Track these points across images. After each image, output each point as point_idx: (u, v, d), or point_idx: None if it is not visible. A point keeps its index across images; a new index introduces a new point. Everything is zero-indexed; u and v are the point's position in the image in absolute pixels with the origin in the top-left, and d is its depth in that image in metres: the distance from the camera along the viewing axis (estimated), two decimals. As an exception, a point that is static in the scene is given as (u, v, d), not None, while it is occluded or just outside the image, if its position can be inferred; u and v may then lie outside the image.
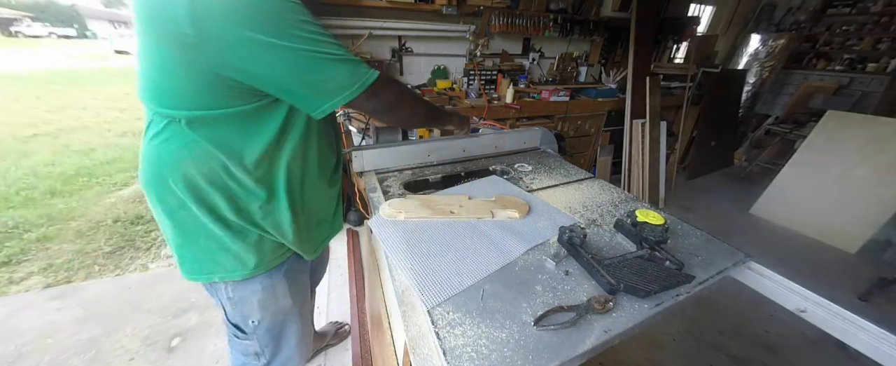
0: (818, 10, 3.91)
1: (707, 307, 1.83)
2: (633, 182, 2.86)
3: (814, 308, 0.64)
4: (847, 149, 2.49)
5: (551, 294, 0.58)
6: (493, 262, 0.65)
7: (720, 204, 3.12)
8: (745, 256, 0.72)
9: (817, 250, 2.48)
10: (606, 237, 0.76)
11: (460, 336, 0.50)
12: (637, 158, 2.82)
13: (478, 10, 2.34)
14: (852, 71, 3.77)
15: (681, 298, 0.60)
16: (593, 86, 2.96)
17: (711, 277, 0.66)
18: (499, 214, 0.81)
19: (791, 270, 0.82)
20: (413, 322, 0.55)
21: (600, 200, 0.94)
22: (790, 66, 4.15)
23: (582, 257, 0.65)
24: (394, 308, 0.59)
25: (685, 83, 3.13)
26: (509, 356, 0.47)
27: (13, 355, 1.40)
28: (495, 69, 2.62)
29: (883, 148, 2.34)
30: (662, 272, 0.62)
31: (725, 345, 1.63)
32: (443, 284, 0.59)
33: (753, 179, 3.55)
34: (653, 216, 0.72)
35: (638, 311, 0.56)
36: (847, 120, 2.55)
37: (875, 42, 3.67)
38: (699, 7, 3.72)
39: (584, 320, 0.53)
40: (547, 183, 1.03)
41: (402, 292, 0.60)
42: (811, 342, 1.67)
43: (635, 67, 2.74)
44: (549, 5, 2.61)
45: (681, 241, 0.77)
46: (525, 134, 1.33)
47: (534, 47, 2.83)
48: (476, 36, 2.45)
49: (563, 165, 1.19)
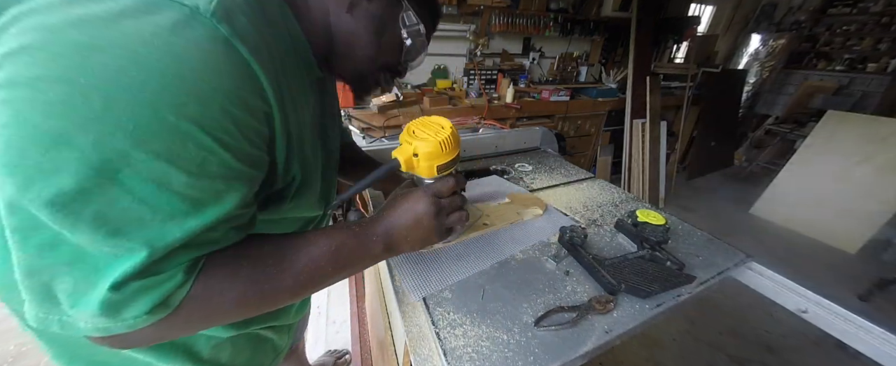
0: (818, 10, 3.91)
1: (707, 307, 1.83)
2: (633, 182, 2.86)
3: (814, 308, 0.63)
4: (847, 149, 2.49)
5: (552, 294, 0.58)
6: (487, 258, 0.65)
7: (720, 204, 3.12)
8: (746, 256, 0.72)
9: (817, 250, 2.48)
10: (607, 237, 0.76)
11: (461, 337, 0.50)
12: (637, 158, 2.82)
13: (478, 10, 2.34)
14: (852, 71, 3.76)
15: (682, 298, 0.60)
16: (593, 86, 2.96)
17: (712, 277, 0.65)
18: (526, 214, 0.80)
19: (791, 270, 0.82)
20: (413, 322, 0.55)
21: (601, 200, 0.94)
22: (790, 66, 4.15)
23: (583, 257, 0.65)
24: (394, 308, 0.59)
25: (685, 83, 3.13)
26: (510, 357, 0.47)
27: (13, 354, 1.40)
28: (495, 69, 2.62)
29: (883, 148, 2.34)
30: (663, 273, 0.62)
31: (726, 345, 1.63)
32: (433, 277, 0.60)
33: (753, 179, 3.55)
34: (654, 216, 0.72)
35: (639, 311, 0.56)
36: (847, 120, 2.55)
37: (875, 42, 3.67)
38: (699, 7, 3.71)
39: (584, 320, 0.53)
40: (547, 183, 1.03)
41: (402, 292, 0.60)
42: (811, 342, 1.67)
43: (635, 67, 2.74)
44: (549, 5, 2.61)
45: (681, 241, 0.77)
46: (525, 134, 1.33)
47: (534, 47, 2.82)
48: (476, 35, 2.44)
49: (563, 164, 1.18)
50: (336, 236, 0.40)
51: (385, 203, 0.47)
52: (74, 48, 0.22)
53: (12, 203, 0.23)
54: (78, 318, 0.25)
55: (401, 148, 0.48)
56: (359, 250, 0.42)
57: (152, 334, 0.29)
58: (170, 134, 0.25)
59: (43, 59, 0.22)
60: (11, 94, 0.22)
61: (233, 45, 0.27)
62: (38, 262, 0.24)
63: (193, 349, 0.45)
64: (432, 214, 0.45)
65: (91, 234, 0.24)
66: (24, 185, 0.22)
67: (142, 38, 0.23)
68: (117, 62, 0.23)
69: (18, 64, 0.22)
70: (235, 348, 0.50)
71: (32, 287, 0.25)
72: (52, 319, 0.26)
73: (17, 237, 0.24)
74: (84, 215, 0.23)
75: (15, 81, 0.22)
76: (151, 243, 0.25)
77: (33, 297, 0.25)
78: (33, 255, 0.24)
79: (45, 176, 0.22)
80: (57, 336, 0.42)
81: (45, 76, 0.22)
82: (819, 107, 3.50)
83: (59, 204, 0.23)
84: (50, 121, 0.22)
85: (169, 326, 0.29)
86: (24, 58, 0.22)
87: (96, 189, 0.23)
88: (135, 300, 0.26)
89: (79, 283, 0.25)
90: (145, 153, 0.24)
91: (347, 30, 0.42)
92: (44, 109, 0.22)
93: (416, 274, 0.61)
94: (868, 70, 3.65)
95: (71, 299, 0.25)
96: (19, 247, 0.24)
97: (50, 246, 0.24)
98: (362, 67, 0.47)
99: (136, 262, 0.25)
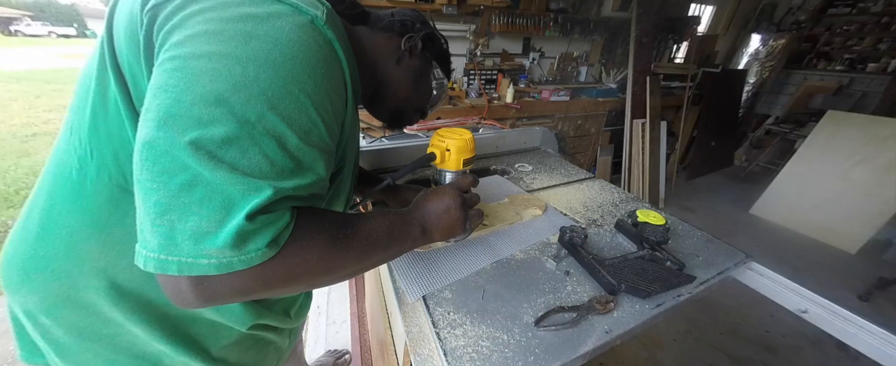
0: (818, 10, 3.91)
1: (708, 307, 1.83)
2: (633, 182, 2.86)
3: (814, 308, 0.63)
4: (847, 149, 2.49)
5: (552, 294, 0.58)
6: (487, 258, 0.66)
7: (720, 204, 3.13)
8: (746, 256, 0.72)
9: (817, 250, 2.48)
10: (607, 237, 0.76)
11: (461, 337, 0.50)
12: (637, 158, 2.82)
13: (478, 10, 2.34)
14: (852, 71, 3.76)
15: (682, 298, 0.60)
16: (593, 85, 2.96)
17: (712, 277, 0.65)
18: (525, 214, 0.81)
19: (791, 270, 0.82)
20: (413, 322, 0.55)
21: (601, 200, 0.94)
22: (790, 66, 4.15)
23: (583, 258, 0.65)
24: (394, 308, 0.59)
25: (685, 83, 3.14)
26: (510, 357, 0.47)
27: (13, 354, 1.40)
28: (495, 69, 2.62)
29: (883, 148, 2.34)
30: (663, 273, 0.62)
31: (726, 345, 1.63)
32: (433, 277, 0.60)
33: (753, 179, 3.55)
34: (654, 216, 0.72)
35: (639, 311, 0.56)
36: (847, 120, 2.55)
37: (875, 42, 3.67)
38: (699, 7, 3.72)
39: (585, 320, 0.53)
40: (547, 183, 1.03)
41: (402, 292, 0.60)
42: (811, 342, 1.67)
43: (635, 67, 2.74)
44: (549, 5, 2.61)
45: (681, 241, 0.77)
46: (525, 134, 1.33)
47: (534, 47, 2.83)
48: (476, 35, 2.44)
49: (563, 164, 1.18)
50: (386, 216, 0.45)
51: (417, 198, 0.53)
52: (240, 35, 0.30)
53: (166, 149, 0.28)
54: (201, 256, 0.29)
55: (435, 145, 0.61)
56: (404, 230, 0.47)
57: (250, 280, 0.32)
58: (292, 103, 0.32)
59: (218, 40, 0.30)
60: (190, 63, 0.29)
61: (334, 47, 0.37)
62: (174, 201, 0.28)
63: (204, 346, 0.49)
64: (458, 205, 0.52)
65: (228, 174, 0.29)
66: (183, 131, 0.28)
67: (282, 32, 0.32)
68: (266, 46, 0.31)
69: (199, 42, 0.30)
70: (242, 349, 0.54)
71: (160, 229, 0.28)
72: (171, 261, 0.29)
73: (162, 179, 0.28)
74: (225, 158, 0.29)
75: (196, 54, 0.30)
76: (274, 185, 0.31)
77: (159, 241, 0.28)
78: (172, 194, 0.28)
79: (203, 126, 0.29)
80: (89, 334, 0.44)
81: (217, 52, 0.30)
82: (819, 107, 3.50)
83: (208, 148, 0.29)
84: (215, 84, 0.29)
85: (268, 273, 0.32)
86: (204, 38, 0.30)
87: (237, 139, 0.29)
88: (259, 233, 0.30)
89: (210, 219, 0.28)
90: (274, 115, 0.31)
91: (395, 77, 0.56)
92: (212, 75, 0.29)
93: (415, 274, 0.61)
94: (868, 70, 3.64)
95: (195, 238, 0.28)
96: (162, 187, 0.28)
97: (188, 186, 0.28)
98: (401, 107, 0.62)
99: (265, 197, 0.30)
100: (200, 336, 0.48)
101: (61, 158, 0.41)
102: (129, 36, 0.34)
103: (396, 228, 0.45)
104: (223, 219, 0.29)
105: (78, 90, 0.41)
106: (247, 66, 0.30)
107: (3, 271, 0.44)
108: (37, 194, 0.43)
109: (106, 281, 0.41)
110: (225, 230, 0.28)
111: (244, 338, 0.53)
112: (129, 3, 0.35)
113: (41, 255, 0.41)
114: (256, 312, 0.50)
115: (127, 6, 0.35)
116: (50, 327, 0.44)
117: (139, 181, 0.29)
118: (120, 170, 0.38)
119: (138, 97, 0.35)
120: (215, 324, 0.48)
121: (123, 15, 0.35)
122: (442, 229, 0.51)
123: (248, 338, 0.53)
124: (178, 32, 0.31)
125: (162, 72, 0.30)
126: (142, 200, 0.29)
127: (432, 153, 0.60)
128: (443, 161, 0.61)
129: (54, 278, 0.41)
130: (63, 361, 0.45)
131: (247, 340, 0.54)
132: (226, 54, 0.30)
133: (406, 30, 0.56)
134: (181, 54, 0.30)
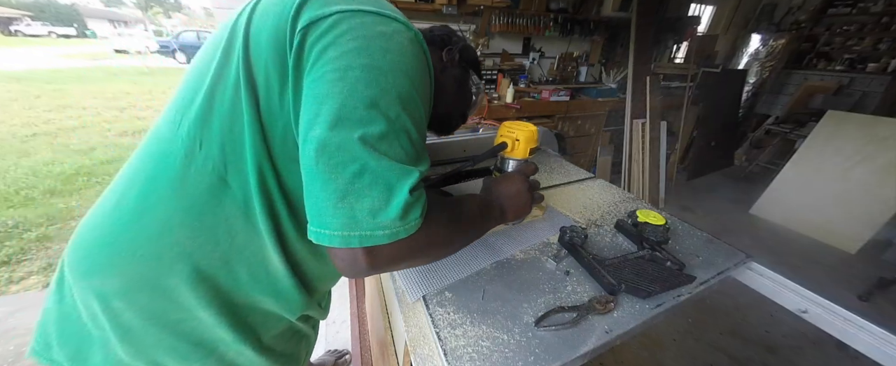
0: (818, 10, 3.91)
1: (708, 307, 1.83)
2: (633, 182, 2.86)
3: (814, 309, 0.63)
4: (847, 149, 2.49)
5: (552, 294, 0.58)
6: (487, 258, 0.66)
7: (720, 204, 3.13)
8: (746, 256, 0.72)
9: (817, 250, 2.48)
10: (607, 237, 0.76)
11: (461, 337, 0.50)
12: (637, 158, 2.82)
13: (478, 10, 2.34)
14: (852, 71, 3.76)
15: (682, 298, 0.59)
16: (593, 86, 2.96)
17: (712, 277, 0.65)
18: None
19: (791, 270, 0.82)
20: (413, 322, 0.55)
21: (601, 200, 0.94)
22: (790, 66, 4.15)
23: (583, 258, 0.64)
24: (394, 308, 0.59)
25: (685, 83, 3.14)
26: (510, 357, 0.47)
27: (13, 354, 1.40)
28: (495, 69, 2.62)
29: (883, 148, 2.34)
30: (663, 273, 0.62)
31: (726, 345, 1.63)
32: (433, 277, 0.60)
33: (753, 179, 3.55)
34: (654, 216, 0.72)
35: (639, 311, 0.56)
36: (847, 120, 2.55)
37: (875, 42, 3.67)
38: (699, 7, 3.72)
39: (585, 320, 0.53)
40: (547, 183, 1.03)
41: (402, 292, 0.60)
42: (811, 343, 1.67)
43: (635, 67, 2.74)
44: (549, 5, 2.61)
45: (681, 241, 0.77)
46: (525, 134, 1.32)
47: (534, 47, 2.83)
48: (476, 35, 2.45)
49: (563, 165, 1.18)
50: (475, 198, 0.54)
51: (488, 184, 0.63)
52: (380, 50, 0.38)
53: (340, 145, 0.35)
54: (378, 228, 0.36)
55: (505, 136, 0.68)
56: (490, 210, 0.56)
57: (404, 248, 0.38)
58: (413, 102, 0.40)
59: (366, 54, 0.37)
60: (348, 74, 0.36)
61: (427, 58, 0.45)
62: (349, 187, 0.35)
63: (258, 334, 0.54)
64: (526, 188, 0.61)
65: (388, 162, 0.36)
66: (352, 129, 0.35)
67: (404, 47, 0.40)
68: (396, 57, 0.38)
69: (351, 56, 0.36)
70: (284, 340, 0.60)
71: (343, 211, 0.35)
72: (353, 235, 0.35)
73: (339, 170, 0.35)
74: (382, 150, 0.36)
75: (351, 66, 0.36)
76: (418, 168, 0.38)
77: (343, 221, 0.35)
78: (347, 181, 0.35)
79: (365, 124, 0.35)
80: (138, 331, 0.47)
81: (367, 64, 0.36)
82: (819, 107, 3.50)
83: (372, 142, 0.35)
84: (369, 90, 0.36)
85: (414, 242, 0.39)
86: (355, 53, 0.37)
87: (387, 134, 0.37)
88: (416, 204, 0.38)
89: (380, 198, 0.35)
90: (405, 114, 0.38)
91: (441, 86, 0.59)
92: (366, 82, 0.36)
93: (415, 274, 0.61)
94: (868, 70, 3.64)
95: (372, 213, 0.35)
96: (339, 176, 0.35)
97: (358, 174, 0.35)
98: (445, 112, 0.65)
99: (416, 177, 0.38)
100: (256, 324, 0.52)
101: (165, 148, 0.43)
102: (275, 48, 0.38)
103: (484, 208, 0.54)
104: (389, 197, 0.36)
105: (184, 88, 0.44)
106: (387, 75, 0.37)
107: (82, 254, 0.45)
108: (133, 179, 0.45)
109: (191, 266, 0.44)
110: (393, 204, 0.36)
111: (286, 330, 0.59)
112: (273, 19, 0.39)
113: (133, 237, 0.43)
114: (306, 302, 0.54)
115: (270, 21, 0.39)
116: (122, 311, 0.45)
117: (314, 173, 0.36)
118: (224, 160, 0.42)
119: (266, 100, 0.40)
120: (268, 314, 0.53)
121: (266, 30, 0.39)
122: (515, 210, 0.60)
123: (289, 330, 0.59)
124: (334, 49, 0.37)
125: (325, 82, 0.36)
126: (319, 188, 0.36)
127: (504, 143, 0.67)
128: (512, 150, 0.68)
129: (143, 260, 0.43)
130: (123, 345, 0.46)
131: (288, 331, 0.59)
132: (373, 66, 0.37)
133: (445, 43, 0.62)
134: (341, 67, 0.36)
